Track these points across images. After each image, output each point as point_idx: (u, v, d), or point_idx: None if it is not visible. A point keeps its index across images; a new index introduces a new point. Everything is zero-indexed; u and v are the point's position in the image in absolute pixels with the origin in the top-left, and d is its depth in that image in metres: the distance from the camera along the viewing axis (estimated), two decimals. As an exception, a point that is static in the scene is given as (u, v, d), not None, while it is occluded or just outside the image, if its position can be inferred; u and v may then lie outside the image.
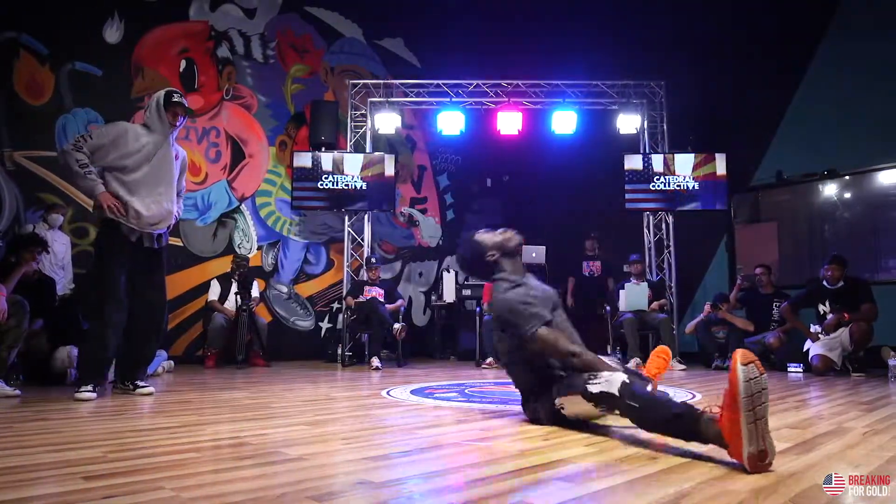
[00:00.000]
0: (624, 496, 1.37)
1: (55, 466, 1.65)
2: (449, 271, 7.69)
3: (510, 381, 2.58)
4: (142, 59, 6.25)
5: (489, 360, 6.14)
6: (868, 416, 2.68)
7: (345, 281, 7.18)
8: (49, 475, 1.55)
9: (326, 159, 7.01)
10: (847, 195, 6.94)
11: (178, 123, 3.58)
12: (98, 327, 3.30)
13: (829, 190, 7.05)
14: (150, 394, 3.41)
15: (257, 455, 1.83)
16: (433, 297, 8.09)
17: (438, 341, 7.87)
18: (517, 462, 1.71)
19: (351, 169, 7.06)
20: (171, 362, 5.35)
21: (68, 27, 5.78)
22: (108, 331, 3.30)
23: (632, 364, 5.90)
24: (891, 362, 4.69)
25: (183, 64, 6.57)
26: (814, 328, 5.38)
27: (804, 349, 5.41)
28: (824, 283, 5.46)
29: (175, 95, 3.54)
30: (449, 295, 7.42)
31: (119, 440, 2.06)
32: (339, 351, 6.45)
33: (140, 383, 3.47)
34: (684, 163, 7.03)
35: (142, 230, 3.45)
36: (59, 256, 5.25)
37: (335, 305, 7.42)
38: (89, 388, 3.19)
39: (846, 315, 5.21)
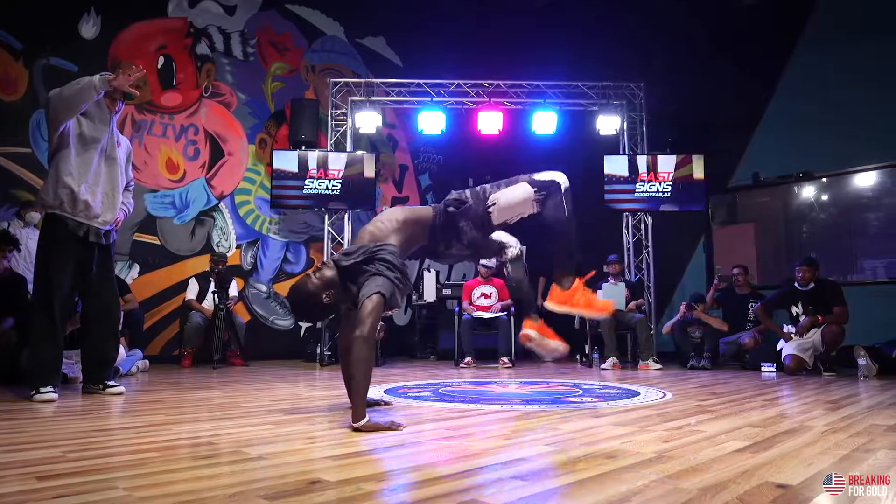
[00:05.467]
0: (577, 494, 1.38)
1: (11, 466, 1.63)
2: (430, 270, 7.69)
3: (486, 380, 2.60)
4: (119, 56, 6.18)
5: (467, 359, 6.16)
6: (831, 414, 2.72)
7: (325, 280, 7.15)
8: (3, 475, 1.54)
9: (312, 158, 6.98)
10: (823, 197, 7.04)
11: (117, 109, 3.43)
12: (46, 326, 3.22)
13: (806, 192, 7.15)
14: (120, 393, 3.38)
15: (218, 454, 1.83)
16: (414, 297, 8.09)
17: (419, 341, 7.88)
18: (477, 461, 1.72)
19: (332, 168, 7.04)
20: (147, 362, 5.31)
21: (43, 21, 5.70)
22: (56, 328, 3.24)
23: (608, 364, 5.95)
24: (860, 361, 4.78)
25: (161, 60, 6.52)
26: (787, 328, 5.45)
27: (777, 349, 5.49)
28: (796, 284, 5.55)
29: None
30: (429, 294, 7.42)
31: (81, 440, 2.05)
32: (319, 350, 6.43)
33: (110, 383, 3.43)
34: (664, 164, 7.09)
35: (89, 223, 3.35)
36: (34, 255, 5.18)
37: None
38: (49, 388, 3.12)
39: (820, 318, 5.30)
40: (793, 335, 5.38)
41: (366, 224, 2.70)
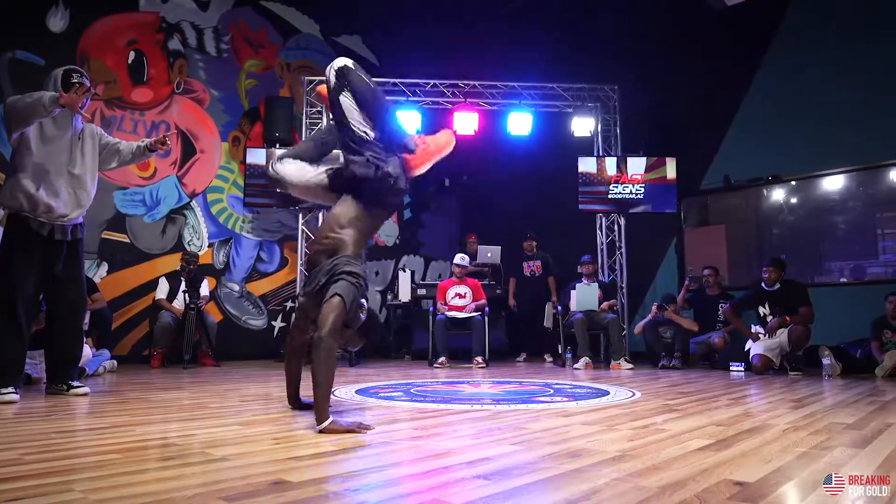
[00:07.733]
0: (538, 493, 1.40)
1: (-35, 469, 1.59)
2: (405, 270, 7.68)
3: (459, 380, 2.60)
4: (88, 50, 6.07)
5: (442, 359, 6.16)
6: (794, 413, 2.78)
7: (298, 279, 7.11)
8: (-44, 479, 1.50)
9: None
10: (792, 200, 7.18)
11: (82, 105, 3.33)
12: (9, 326, 3.15)
13: (775, 194, 7.28)
14: (84, 394, 3.31)
15: (181, 455, 1.81)
16: (389, 297, 8.08)
17: (393, 341, 7.86)
18: (442, 460, 1.73)
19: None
20: (114, 362, 5.22)
21: (9, 14, 5.57)
22: (20, 329, 3.17)
23: (581, 363, 6.00)
24: (825, 361, 4.89)
25: (132, 55, 6.41)
26: (755, 328, 5.55)
27: (745, 349, 5.58)
28: (763, 284, 5.65)
29: (75, 75, 3.29)
30: (405, 294, 7.41)
31: (42, 442, 2.01)
32: (292, 350, 6.38)
33: (74, 383, 3.37)
34: (637, 166, 7.18)
35: (53, 223, 3.28)
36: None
37: (288, 304, 7.34)
38: (10, 389, 3.05)
39: (788, 318, 5.41)
40: (760, 335, 5.49)
41: (315, 242, 2.66)
